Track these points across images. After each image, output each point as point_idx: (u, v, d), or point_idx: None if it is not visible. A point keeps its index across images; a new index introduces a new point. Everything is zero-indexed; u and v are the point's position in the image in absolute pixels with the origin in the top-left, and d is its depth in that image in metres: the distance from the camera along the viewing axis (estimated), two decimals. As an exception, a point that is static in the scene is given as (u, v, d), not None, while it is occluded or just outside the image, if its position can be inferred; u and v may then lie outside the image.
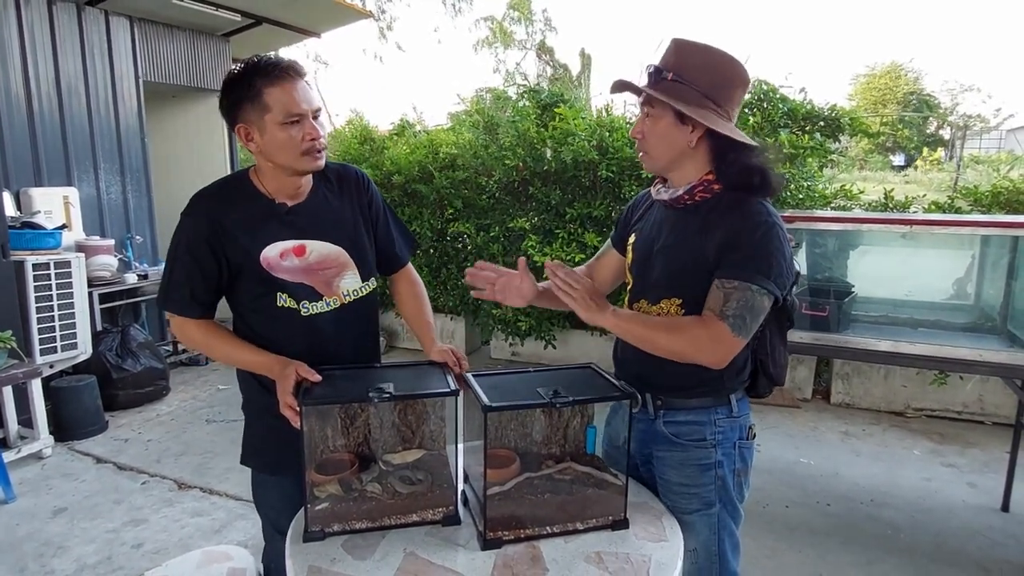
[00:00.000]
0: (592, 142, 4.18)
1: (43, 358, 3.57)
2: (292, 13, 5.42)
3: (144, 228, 5.03)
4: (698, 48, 1.31)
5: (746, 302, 1.24)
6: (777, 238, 1.27)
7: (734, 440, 1.40)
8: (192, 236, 1.39)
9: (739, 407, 1.41)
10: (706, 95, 1.28)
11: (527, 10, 21.13)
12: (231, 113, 1.37)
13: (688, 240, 1.34)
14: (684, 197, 1.35)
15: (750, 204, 1.29)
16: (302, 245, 1.44)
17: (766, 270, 1.25)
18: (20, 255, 3.51)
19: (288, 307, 1.44)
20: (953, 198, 3.93)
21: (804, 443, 3.56)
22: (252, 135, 1.36)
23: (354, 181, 1.56)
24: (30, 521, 2.80)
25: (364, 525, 1.27)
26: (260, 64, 1.33)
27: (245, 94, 1.33)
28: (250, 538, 2.64)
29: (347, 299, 1.50)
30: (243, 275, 1.42)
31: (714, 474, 1.39)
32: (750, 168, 1.30)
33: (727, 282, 1.25)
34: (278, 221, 1.43)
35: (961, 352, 2.49)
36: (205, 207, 1.40)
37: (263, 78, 1.31)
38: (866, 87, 26.43)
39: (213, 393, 4.46)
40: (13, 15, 4.05)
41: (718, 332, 1.24)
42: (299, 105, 1.33)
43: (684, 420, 1.40)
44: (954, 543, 2.59)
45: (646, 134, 1.35)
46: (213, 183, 1.48)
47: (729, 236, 1.27)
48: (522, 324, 4.59)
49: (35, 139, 4.21)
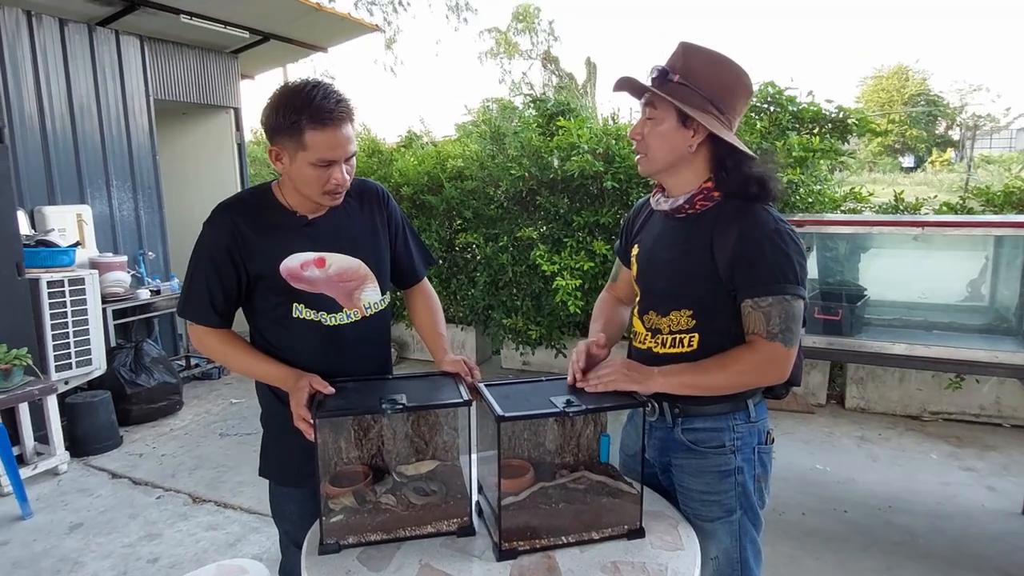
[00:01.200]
0: (598, 150, 4.19)
1: (58, 374, 3.61)
2: (300, 29, 5.48)
3: (156, 244, 5.08)
4: (705, 53, 1.30)
5: (787, 313, 1.24)
6: (787, 239, 1.26)
7: (753, 445, 1.39)
8: (213, 245, 1.40)
9: (757, 412, 1.39)
10: (710, 100, 1.28)
11: (532, 20, 21.27)
12: (269, 134, 1.36)
13: (694, 251, 1.34)
14: (685, 206, 1.35)
15: (755, 213, 1.28)
16: (322, 257, 1.44)
17: (792, 276, 1.25)
18: (35, 273, 3.55)
19: (304, 319, 1.44)
20: (965, 199, 3.90)
21: (819, 449, 3.53)
22: (283, 159, 1.37)
23: (375, 196, 1.57)
24: (47, 537, 2.82)
25: (379, 537, 1.27)
26: (312, 104, 1.29)
27: (286, 126, 1.31)
28: (264, 551, 2.64)
29: (368, 312, 1.51)
30: (262, 286, 1.43)
31: (734, 480, 1.37)
32: (748, 176, 1.30)
33: (761, 300, 1.25)
34: (299, 233, 1.44)
35: (977, 354, 2.47)
36: (227, 217, 1.41)
37: (308, 120, 1.29)
38: (874, 89, 26.37)
39: (226, 407, 4.48)
40: (26, 36, 4.12)
41: (774, 353, 1.25)
42: (335, 153, 1.33)
43: (702, 427, 1.39)
44: (974, 548, 2.55)
45: (646, 135, 1.34)
46: (235, 194, 1.49)
47: (742, 251, 1.26)
48: (532, 333, 4.59)
49: (48, 158, 4.27)
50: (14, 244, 3.42)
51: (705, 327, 1.34)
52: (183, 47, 5.19)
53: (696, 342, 1.34)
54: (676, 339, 1.36)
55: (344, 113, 1.32)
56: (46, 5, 4.20)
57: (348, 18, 5.84)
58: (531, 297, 4.66)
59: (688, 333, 1.35)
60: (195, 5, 4.61)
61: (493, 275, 4.77)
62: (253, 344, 1.50)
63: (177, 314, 1.48)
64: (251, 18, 5.05)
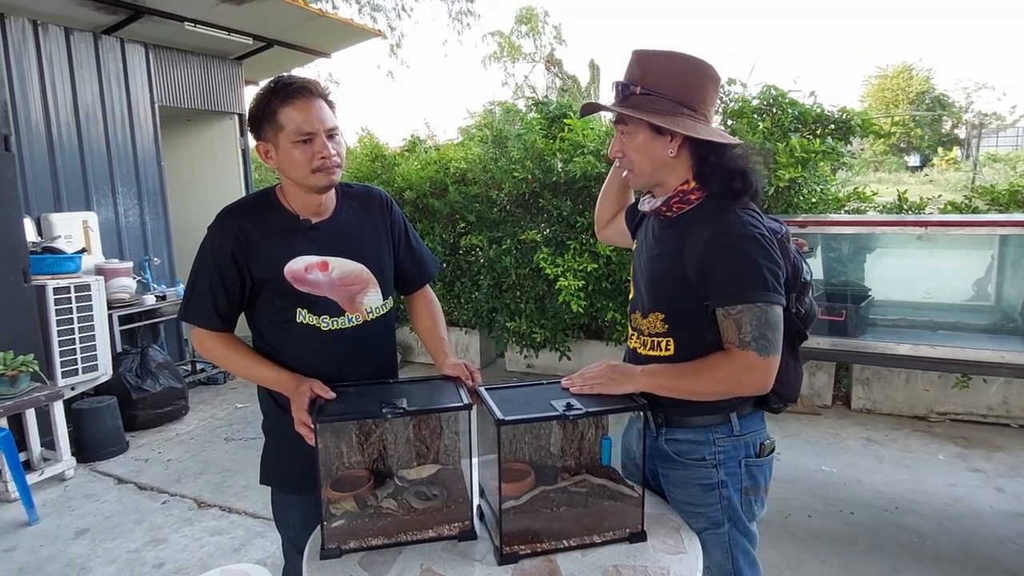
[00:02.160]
0: (602, 152, 4.18)
1: (65, 380, 3.63)
2: (303, 35, 5.50)
3: (161, 250, 5.10)
4: (661, 56, 1.28)
5: (759, 321, 1.21)
6: (755, 245, 1.23)
7: (739, 459, 1.36)
8: (217, 248, 1.42)
9: (742, 425, 1.36)
10: (679, 102, 1.26)
11: (536, 23, 21.31)
12: (253, 132, 1.43)
13: (666, 255, 1.33)
14: (662, 209, 1.35)
15: (724, 218, 1.26)
16: (325, 261, 1.46)
17: (760, 283, 1.21)
18: (41, 280, 3.57)
19: (308, 324, 1.45)
20: (970, 198, 3.88)
21: (825, 451, 3.51)
22: (270, 153, 1.41)
23: (378, 202, 1.60)
24: (53, 543, 2.83)
25: (380, 541, 1.27)
26: (277, 86, 1.37)
27: (263, 114, 1.37)
28: (269, 556, 2.65)
29: (370, 316, 1.52)
30: (266, 289, 1.45)
31: (718, 494, 1.35)
32: (731, 171, 1.28)
33: (730, 309, 1.23)
34: (302, 236, 1.46)
35: (983, 354, 2.45)
36: (231, 221, 1.43)
37: (278, 98, 1.35)
38: (878, 88, 26.27)
39: (231, 412, 4.49)
40: (32, 44, 4.15)
41: (747, 361, 1.22)
42: (311, 124, 1.35)
43: (684, 439, 1.37)
44: (983, 549, 2.53)
45: (625, 152, 1.34)
46: (239, 199, 1.52)
47: (708, 259, 1.24)
48: (536, 336, 4.59)
49: (55, 165, 4.30)
50: (20, 251, 3.44)
51: (677, 332, 1.33)
52: (187, 54, 5.22)
53: (672, 347, 1.34)
54: (654, 342, 1.37)
55: (310, 88, 1.38)
56: (52, 14, 4.23)
57: (351, 24, 5.86)
58: (535, 300, 4.66)
59: (663, 337, 1.35)
60: (199, 13, 4.64)
61: (497, 278, 4.77)
62: (255, 348, 1.51)
63: (179, 318, 1.49)
64: (254, 25, 5.07)
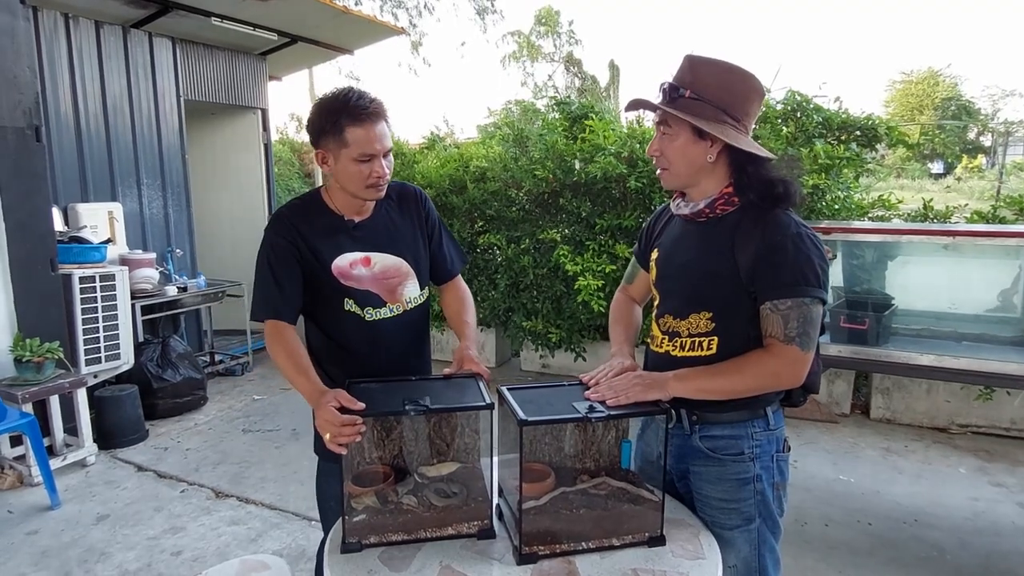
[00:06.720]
0: (623, 154, 4.17)
1: (88, 368, 3.69)
2: (327, 32, 5.55)
3: (184, 242, 5.17)
4: (712, 64, 1.32)
5: (805, 317, 1.25)
6: (809, 243, 1.28)
7: (772, 453, 1.39)
8: (277, 245, 1.53)
9: (775, 419, 1.40)
10: (723, 110, 1.29)
11: (554, 23, 21.27)
12: (314, 138, 1.50)
13: (715, 254, 1.34)
14: (706, 211, 1.36)
15: (776, 217, 1.30)
16: (367, 257, 1.58)
17: (813, 279, 1.26)
18: (67, 269, 3.64)
19: (353, 312, 1.57)
20: (996, 207, 3.82)
21: (843, 460, 3.47)
22: (328, 160, 1.50)
23: (413, 198, 1.71)
24: (74, 527, 2.88)
25: (400, 537, 1.28)
26: (349, 104, 1.44)
27: (330, 128, 1.45)
28: (285, 547, 2.67)
29: (409, 306, 1.64)
30: (316, 281, 1.55)
31: (753, 488, 1.37)
32: (771, 180, 1.31)
33: (780, 303, 1.26)
34: (347, 235, 1.58)
35: (1008, 367, 2.41)
36: (287, 220, 1.55)
37: (348, 117, 1.43)
38: (903, 93, 25.92)
39: (249, 403, 4.54)
40: (63, 36, 4.22)
41: (792, 356, 1.25)
42: (373, 147, 1.46)
43: (720, 435, 1.38)
44: (1004, 566, 2.50)
45: (664, 152, 1.37)
46: (289, 201, 1.64)
47: (763, 254, 1.27)
48: (552, 336, 4.58)
49: (82, 156, 4.37)
50: (48, 240, 3.52)
51: (724, 330, 1.34)
52: (213, 49, 5.28)
53: (715, 346, 1.35)
54: (695, 342, 1.37)
55: (378, 110, 1.46)
56: (84, 8, 4.30)
57: (374, 21, 5.90)
58: (552, 300, 4.66)
59: (707, 336, 1.35)
60: (226, 8, 4.69)
61: (514, 277, 4.77)
62: (308, 334, 1.63)
63: (251, 319, 1.57)
64: (280, 21, 5.12)
